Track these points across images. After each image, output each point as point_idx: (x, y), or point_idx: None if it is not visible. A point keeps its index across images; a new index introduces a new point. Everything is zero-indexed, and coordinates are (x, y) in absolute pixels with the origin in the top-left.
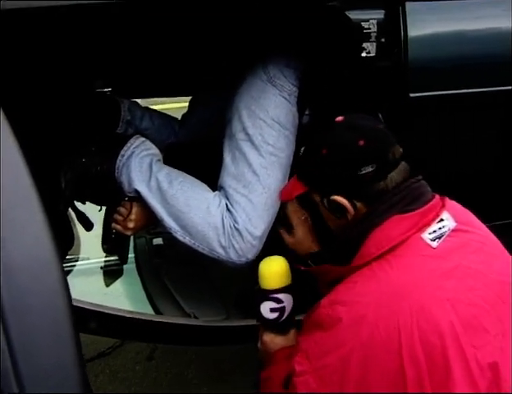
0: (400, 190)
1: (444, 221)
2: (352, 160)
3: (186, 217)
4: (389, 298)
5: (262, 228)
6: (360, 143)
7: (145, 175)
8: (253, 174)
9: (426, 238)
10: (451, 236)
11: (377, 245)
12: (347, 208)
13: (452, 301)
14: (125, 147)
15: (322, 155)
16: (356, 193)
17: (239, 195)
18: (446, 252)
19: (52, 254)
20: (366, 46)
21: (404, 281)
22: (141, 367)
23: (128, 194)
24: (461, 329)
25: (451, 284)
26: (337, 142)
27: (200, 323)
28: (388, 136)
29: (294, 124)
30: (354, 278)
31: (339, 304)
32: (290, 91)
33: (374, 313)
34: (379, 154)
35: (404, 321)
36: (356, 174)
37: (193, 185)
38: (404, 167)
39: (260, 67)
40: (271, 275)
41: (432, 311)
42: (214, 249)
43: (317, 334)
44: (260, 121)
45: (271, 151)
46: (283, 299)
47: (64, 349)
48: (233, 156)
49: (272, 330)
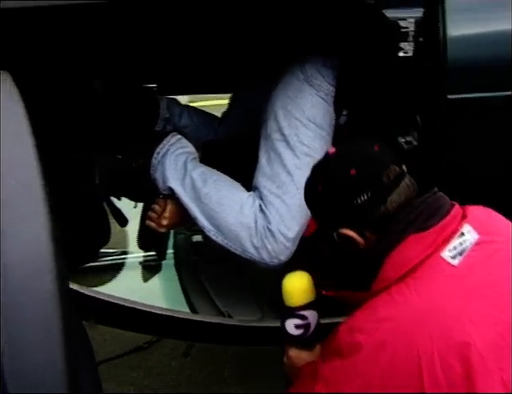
0: (414, 207)
1: (465, 235)
2: (346, 191)
3: (219, 217)
4: (408, 324)
5: (296, 230)
6: (352, 172)
7: (180, 173)
8: (288, 175)
9: (446, 256)
10: (474, 250)
11: (395, 267)
12: (355, 239)
13: (476, 323)
14: (160, 144)
15: (319, 192)
16: (359, 222)
17: (272, 196)
18: (469, 269)
19: (49, 252)
20: (403, 45)
21: (424, 305)
22: (177, 363)
23: (162, 192)
24: (487, 352)
25: (475, 304)
26: (330, 176)
27: (234, 323)
28: (381, 159)
29: (330, 124)
30: (373, 304)
31: (358, 332)
32: (327, 91)
33: (393, 340)
34: (372, 180)
35: (424, 348)
36: (353, 204)
37: (227, 184)
38: (407, 185)
39: (297, 67)
40: (294, 292)
41: (454, 336)
42: (247, 249)
43: (336, 361)
44: (296, 121)
45: (306, 151)
46: (308, 315)
47: (53, 352)
48: (268, 156)
49: (297, 346)
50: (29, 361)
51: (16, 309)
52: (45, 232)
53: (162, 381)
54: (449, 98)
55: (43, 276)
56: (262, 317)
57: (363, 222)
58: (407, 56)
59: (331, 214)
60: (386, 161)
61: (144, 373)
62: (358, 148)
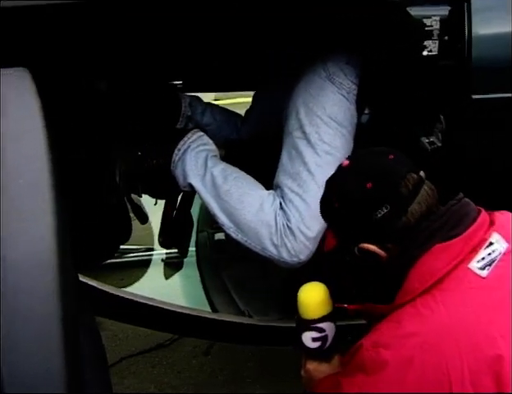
0: (438, 215)
1: (493, 244)
2: (363, 206)
3: (239, 214)
4: (436, 339)
5: (316, 229)
6: (368, 186)
7: (200, 169)
8: (308, 173)
9: (474, 267)
10: (503, 261)
11: (420, 279)
12: (378, 252)
13: (506, 337)
14: (181, 141)
15: (336, 209)
16: (380, 236)
17: (293, 194)
18: (498, 280)
19: (52, 251)
20: (428, 44)
21: (452, 319)
22: (197, 361)
23: (183, 189)
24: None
25: (504, 317)
26: (346, 192)
27: (254, 322)
28: (397, 169)
29: (352, 123)
30: (398, 317)
31: (382, 347)
32: (349, 89)
33: (421, 356)
34: (389, 192)
35: (453, 364)
36: (372, 219)
37: (247, 181)
38: (426, 193)
39: (319, 64)
40: (311, 304)
41: (484, 350)
42: (266, 247)
43: (359, 378)
44: (317, 119)
45: (327, 150)
46: (325, 328)
47: (51, 352)
48: (289, 154)
49: (315, 358)
50: (25, 360)
51: (15, 306)
52: (50, 231)
53: (182, 379)
54: (473, 98)
55: (44, 274)
56: (282, 316)
57: (385, 235)
58: (431, 54)
59: (350, 230)
60: (402, 170)
61: (165, 371)
62: (373, 158)
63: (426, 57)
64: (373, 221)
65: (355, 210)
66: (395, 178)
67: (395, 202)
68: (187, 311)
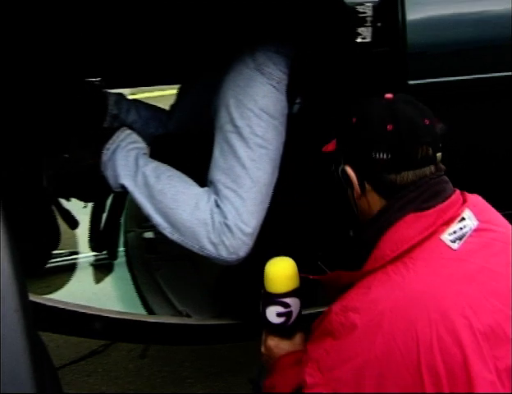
0: (417, 185)
1: (465, 220)
2: (371, 140)
3: (174, 213)
4: (406, 305)
5: (253, 224)
6: (388, 127)
7: (131, 169)
8: (242, 168)
9: (445, 239)
10: (473, 237)
11: (391, 246)
12: (353, 183)
13: (474, 308)
14: (110, 140)
15: (351, 123)
16: (366, 173)
17: (228, 190)
18: (468, 254)
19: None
20: (361, 31)
21: (422, 286)
22: (134, 365)
23: (115, 190)
24: (484, 339)
25: (473, 289)
26: (369, 117)
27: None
28: (422, 134)
29: (283, 114)
30: (368, 283)
31: (351, 312)
32: (280, 79)
33: (390, 322)
34: (399, 146)
35: (422, 332)
36: (370, 155)
37: (181, 179)
38: (430, 173)
39: (247, 54)
40: (279, 278)
41: (453, 319)
42: (204, 246)
43: (328, 342)
44: (248, 112)
45: (259, 143)
46: (290, 303)
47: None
48: (221, 149)
49: (276, 334)
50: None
51: None
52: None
53: (120, 385)
54: (409, 83)
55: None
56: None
57: (370, 176)
58: (365, 41)
59: (349, 149)
60: (424, 139)
61: (102, 378)
62: (412, 110)
63: (359, 44)
64: (369, 157)
65: (363, 137)
66: (414, 141)
67: (398, 158)
68: (122, 315)
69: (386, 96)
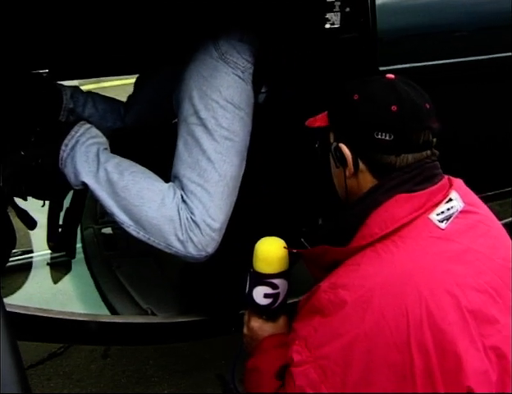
0: (411, 168)
1: (453, 201)
2: (374, 119)
3: (139, 211)
4: (395, 282)
5: (221, 219)
6: (393, 108)
7: (92, 165)
8: (208, 161)
9: (434, 219)
10: (460, 218)
11: (380, 224)
12: (347, 161)
13: (462, 286)
14: (68, 135)
15: (352, 99)
16: (363, 153)
17: (194, 185)
18: (455, 234)
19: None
20: (330, 16)
21: (412, 263)
22: (96, 366)
23: (75, 188)
24: (471, 317)
25: (460, 268)
26: (372, 95)
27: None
28: (424, 118)
29: (249, 104)
30: (357, 260)
31: (340, 288)
32: (244, 68)
33: (379, 298)
34: (402, 129)
35: (412, 307)
36: (371, 135)
37: (145, 175)
38: (427, 156)
39: (210, 43)
40: (269, 258)
41: (442, 297)
42: (171, 243)
43: (316, 320)
44: (213, 103)
45: (225, 135)
46: (279, 284)
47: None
48: (185, 142)
49: (261, 316)
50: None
51: None
52: None
53: (83, 387)
54: (380, 69)
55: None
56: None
57: (367, 155)
58: (334, 27)
59: (346, 126)
60: (427, 123)
61: (63, 381)
62: (414, 93)
63: (328, 30)
64: (370, 137)
65: (365, 116)
66: (417, 124)
67: (400, 140)
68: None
69: (387, 76)
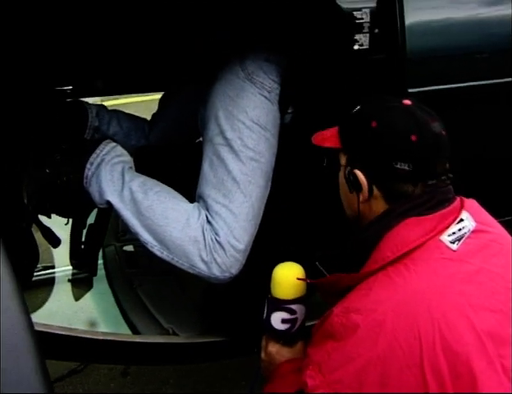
0: (425, 192)
1: (464, 221)
2: (394, 149)
3: (163, 231)
4: (408, 305)
5: (246, 240)
6: (412, 138)
7: (117, 184)
8: (233, 182)
9: (445, 240)
10: (471, 238)
11: (392, 248)
12: (363, 187)
13: (475, 307)
14: (93, 154)
15: (369, 126)
16: (380, 181)
17: (219, 206)
18: (467, 255)
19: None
20: (359, 38)
21: (424, 286)
22: (116, 384)
23: (99, 206)
24: (487, 338)
25: (473, 289)
26: (391, 123)
27: (182, 341)
28: (444, 148)
29: (275, 124)
30: (369, 284)
31: (353, 313)
32: (271, 88)
33: (392, 322)
34: (422, 159)
35: (425, 330)
36: (390, 164)
37: (170, 195)
38: (442, 183)
39: (237, 63)
40: (287, 284)
41: (455, 319)
42: (195, 264)
43: (329, 345)
44: (239, 123)
45: (251, 156)
46: (296, 310)
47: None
48: (211, 162)
49: (278, 341)
50: None
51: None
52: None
53: None
54: (409, 91)
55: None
56: (203, 331)
57: (384, 184)
58: (362, 48)
59: (363, 153)
60: (445, 152)
61: None
62: (431, 120)
63: (356, 51)
64: (389, 166)
65: (384, 145)
66: (437, 154)
67: (419, 170)
68: (104, 336)
69: (405, 102)
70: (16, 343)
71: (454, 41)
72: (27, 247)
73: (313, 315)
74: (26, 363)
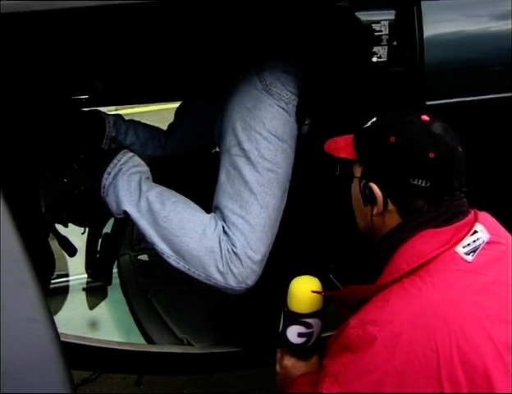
0: (440, 206)
1: (478, 233)
2: (411, 166)
3: (180, 241)
4: (424, 317)
5: (262, 251)
6: (430, 155)
7: (134, 194)
8: (250, 193)
9: (460, 252)
10: (486, 249)
11: (407, 260)
12: (378, 201)
13: (491, 318)
14: (111, 164)
15: (387, 140)
16: (396, 196)
17: (235, 216)
18: (482, 266)
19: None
20: (377, 50)
21: (440, 298)
22: (129, 393)
23: (116, 216)
24: (503, 348)
25: (489, 300)
26: (409, 140)
27: (197, 351)
28: (461, 164)
29: (292, 136)
30: (385, 296)
31: (370, 324)
32: (288, 100)
33: (409, 333)
34: (440, 176)
35: (442, 342)
36: (407, 180)
37: (187, 205)
38: (459, 199)
39: (255, 74)
40: (303, 298)
41: (471, 330)
42: (211, 274)
43: (346, 357)
44: (256, 135)
45: (268, 167)
46: (313, 324)
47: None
48: (228, 173)
49: (294, 354)
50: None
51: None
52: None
53: None
54: (427, 104)
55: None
56: (217, 341)
57: (400, 199)
58: (381, 61)
59: (380, 167)
60: (461, 169)
61: None
62: (448, 137)
63: (375, 63)
64: (405, 182)
65: (402, 161)
66: (454, 171)
67: (436, 187)
68: (119, 346)
69: (423, 118)
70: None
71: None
72: (44, 256)
73: (326, 327)
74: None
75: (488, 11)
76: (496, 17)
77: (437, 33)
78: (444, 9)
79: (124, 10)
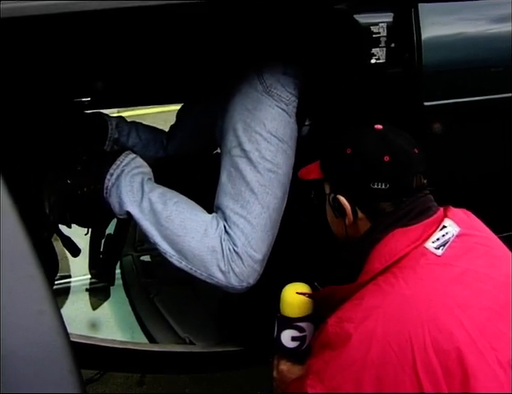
0: (406, 204)
1: (447, 227)
2: (369, 171)
3: (182, 241)
4: (397, 310)
5: (263, 251)
6: (385, 159)
7: (137, 195)
8: (251, 193)
9: (430, 247)
10: (456, 242)
11: (380, 259)
12: (347, 211)
13: (462, 307)
14: (114, 165)
15: (345, 153)
16: (361, 203)
17: (237, 216)
18: (452, 258)
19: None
20: (375, 52)
21: (411, 291)
22: (132, 393)
23: (119, 217)
24: (477, 333)
25: (460, 290)
26: (364, 148)
27: (199, 350)
28: (416, 164)
29: (292, 137)
30: (361, 294)
31: (346, 322)
32: (288, 101)
33: (383, 327)
34: (397, 177)
35: (415, 332)
36: (368, 186)
37: (189, 206)
38: (424, 200)
39: (255, 76)
40: (296, 303)
41: (443, 319)
42: (213, 274)
43: (326, 354)
44: (256, 136)
45: (269, 167)
46: (306, 328)
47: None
48: (229, 174)
49: (289, 359)
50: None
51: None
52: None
53: None
54: (425, 105)
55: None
56: (220, 340)
57: (366, 205)
58: (379, 62)
59: (342, 179)
60: (418, 168)
61: None
62: (403, 141)
63: (373, 65)
64: (367, 187)
65: (360, 169)
66: (410, 171)
67: (395, 187)
68: (121, 345)
69: (376, 127)
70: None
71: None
72: (47, 257)
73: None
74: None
75: (484, 14)
76: (492, 20)
77: (435, 35)
78: (441, 11)
79: (126, 13)
